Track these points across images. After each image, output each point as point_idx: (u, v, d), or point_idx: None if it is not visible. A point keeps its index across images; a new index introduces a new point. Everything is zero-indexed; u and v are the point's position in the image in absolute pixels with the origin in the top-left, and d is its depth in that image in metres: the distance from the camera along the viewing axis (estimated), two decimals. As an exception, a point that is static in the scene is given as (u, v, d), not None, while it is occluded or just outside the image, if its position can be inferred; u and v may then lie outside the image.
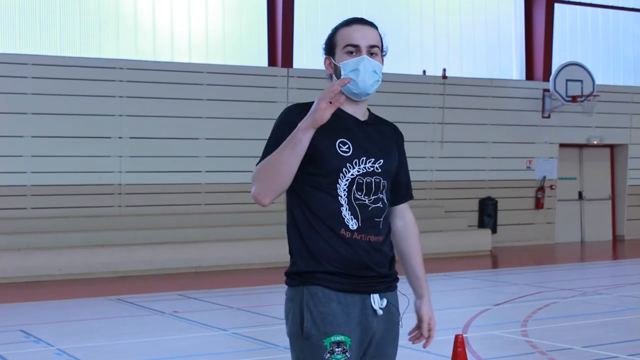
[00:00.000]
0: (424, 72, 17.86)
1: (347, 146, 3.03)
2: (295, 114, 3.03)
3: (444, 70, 17.89)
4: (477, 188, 18.32)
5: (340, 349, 2.97)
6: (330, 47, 3.13)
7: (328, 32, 3.20)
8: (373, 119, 3.18)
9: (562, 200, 19.60)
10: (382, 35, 3.15)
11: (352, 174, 3.01)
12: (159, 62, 15.55)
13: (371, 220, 3.04)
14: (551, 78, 18.37)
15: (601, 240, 19.97)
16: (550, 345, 7.57)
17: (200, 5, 16.27)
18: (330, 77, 3.13)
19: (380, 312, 3.05)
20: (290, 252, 3.11)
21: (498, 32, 19.41)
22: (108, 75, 14.97)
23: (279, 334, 8.60)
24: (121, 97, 15.10)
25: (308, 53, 16.91)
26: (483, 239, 17.32)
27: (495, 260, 16.46)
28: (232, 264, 14.58)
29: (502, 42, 19.48)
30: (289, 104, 3.27)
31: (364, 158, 3.04)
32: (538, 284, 12.25)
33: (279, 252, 14.84)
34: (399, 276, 3.18)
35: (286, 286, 3.12)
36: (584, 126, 19.38)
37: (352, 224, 3.00)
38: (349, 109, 3.10)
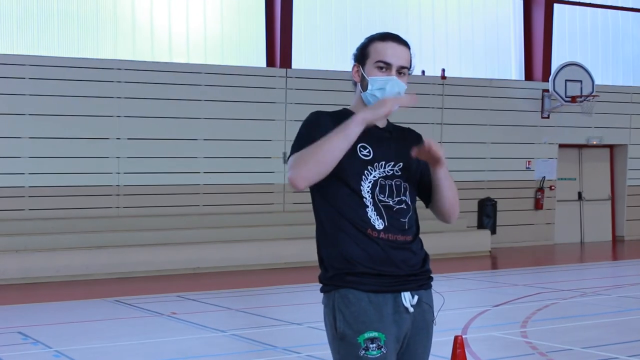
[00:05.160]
0: (423, 72, 17.82)
1: (367, 150, 3.14)
2: (324, 116, 3.15)
3: (443, 70, 17.86)
4: (477, 189, 18.30)
5: (374, 344, 3.00)
6: (361, 56, 3.21)
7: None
8: (391, 126, 3.32)
9: (561, 200, 19.57)
10: (412, 55, 3.24)
11: (374, 176, 3.13)
12: (157, 62, 15.52)
13: (397, 220, 3.14)
14: (550, 78, 18.35)
15: (601, 241, 19.94)
16: (550, 346, 7.55)
17: (199, 5, 16.24)
18: (355, 85, 3.24)
19: (411, 309, 3.10)
20: (320, 257, 3.17)
21: (497, 32, 19.39)
22: (106, 76, 14.94)
23: (278, 335, 8.57)
24: (119, 98, 15.07)
25: (306, 54, 16.86)
26: (482, 240, 17.29)
27: (494, 261, 16.44)
28: (231, 265, 14.55)
29: (501, 42, 19.46)
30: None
31: (383, 162, 3.16)
32: (537, 285, 12.23)
33: (278, 253, 14.90)
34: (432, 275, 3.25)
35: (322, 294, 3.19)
36: (584, 126, 19.36)
37: (378, 224, 3.08)
38: None
